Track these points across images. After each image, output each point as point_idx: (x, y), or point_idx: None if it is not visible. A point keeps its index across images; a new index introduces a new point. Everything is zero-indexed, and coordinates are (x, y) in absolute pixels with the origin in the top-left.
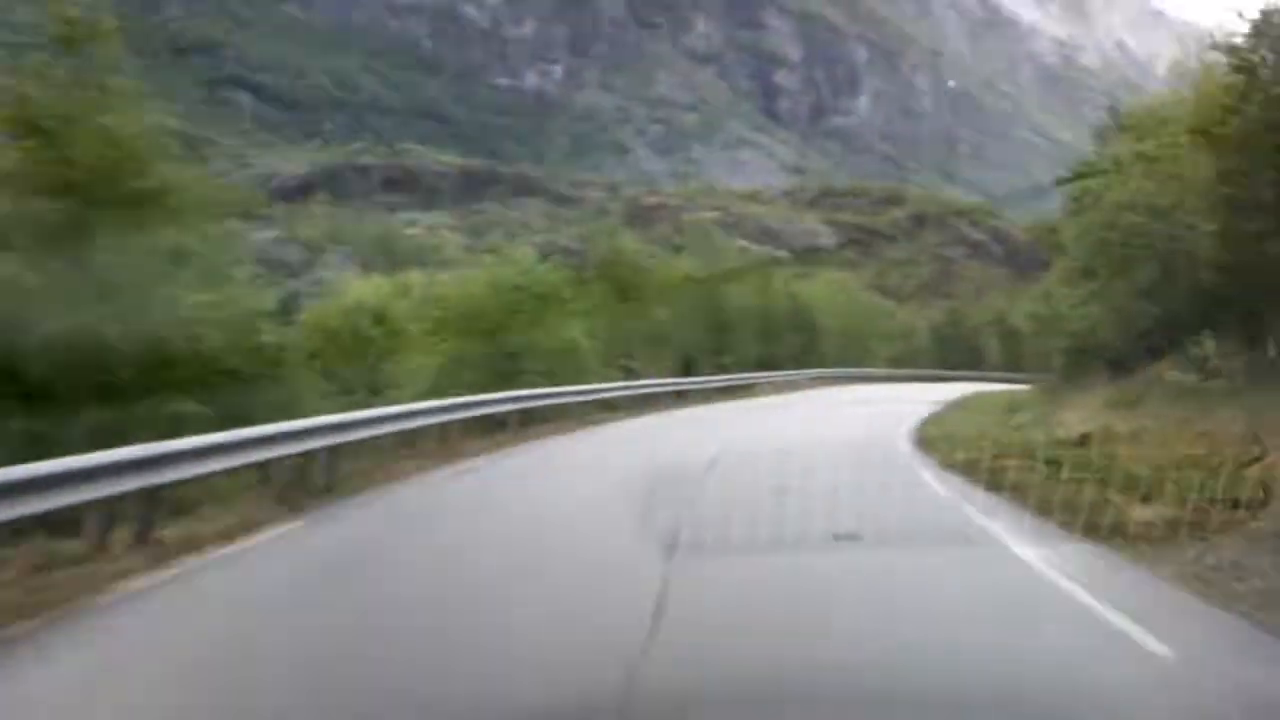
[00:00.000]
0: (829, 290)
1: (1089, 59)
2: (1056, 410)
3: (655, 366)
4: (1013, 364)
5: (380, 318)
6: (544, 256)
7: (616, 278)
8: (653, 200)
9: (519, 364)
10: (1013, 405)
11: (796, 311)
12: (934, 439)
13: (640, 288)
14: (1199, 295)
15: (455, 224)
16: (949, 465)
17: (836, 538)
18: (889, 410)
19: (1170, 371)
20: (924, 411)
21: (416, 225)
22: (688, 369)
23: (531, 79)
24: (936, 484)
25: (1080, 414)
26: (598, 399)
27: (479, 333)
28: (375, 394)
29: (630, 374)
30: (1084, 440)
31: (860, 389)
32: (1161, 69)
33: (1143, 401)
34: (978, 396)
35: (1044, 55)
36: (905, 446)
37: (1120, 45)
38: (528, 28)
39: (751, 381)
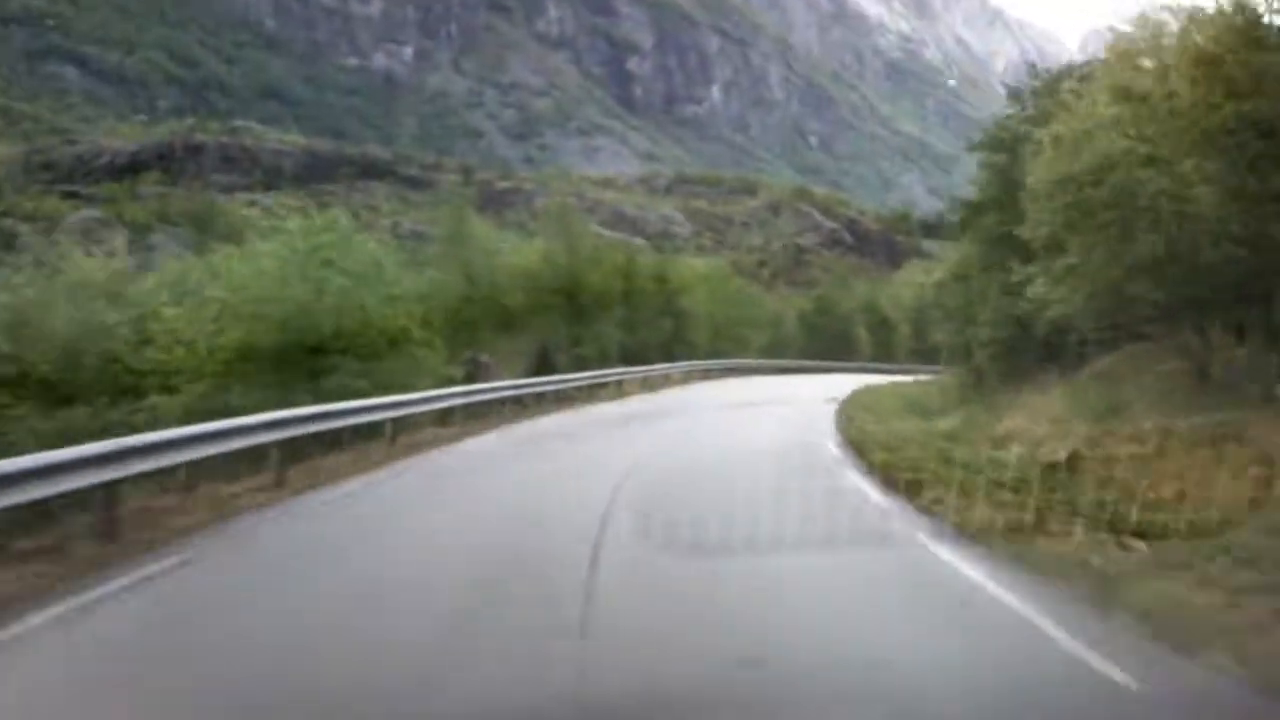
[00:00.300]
0: (698, 274)
1: (931, 54)
2: (996, 415)
3: (507, 362)
4: (884, 354)
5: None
6: (396, 241)
7: (464, 261)
8: (505, 185)
9: (325, 363)
10: (922, 406)
11: (664, 297)
12: (886, 465)
13: (490, 271)
14: (1200, 272)
15: (298, 206)
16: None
17: None
18: (789, 416)
19: (1154, 366)
20: (827, 415)
21: (255, 207)
22: (544, 362)
23: (380, 60)
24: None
25: (1034, 421)
26: (428, 409)
27: (274, 323)
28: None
29: (479, 369)
30: (1074, 465)
31: (739, 385)
32: (1000, 65)
33: (1130, 407)
34: (871, 392)
35: (889, 50)
36: (858, 482)
37: (961, 41)
38: (375, 7)
39: (618, 378)
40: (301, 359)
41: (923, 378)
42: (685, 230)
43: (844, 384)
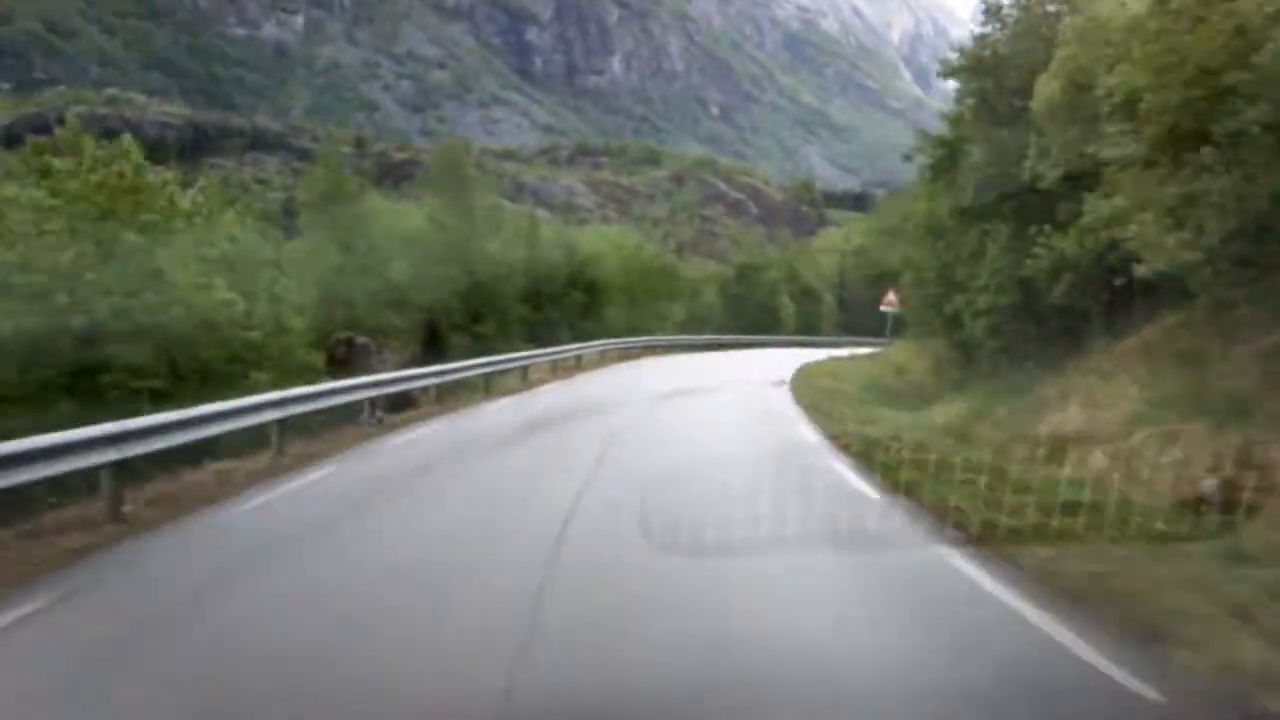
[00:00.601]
0: (610, 242)
1: (829, 25)
2: (1017, 406)
3: (394, 342)
4: (809, 327)
5: None
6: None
7: (338, 221)
8: (402, 156)
9: (100, 353)
10: (891, 391)
11: (573, 267)
12: (935, 504)
13: (370, 237)
14: None
15: (184, 180)
16: None
17: None
18: (747, 409)
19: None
20: (788, 404)
21: None
22: (434, 343)
23: (270, 30)
24: None
25: (1096, 417)
26: (243, 423)
27: (24, 296)
28: None
29: (354, 353)
30: (1232, 500)
31: (665, 366)
32: (896, 36)
33: (1260, 402)
34: (819, 372)
35: (788, 20)
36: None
37: (858, 13)
38: None
39: (523, 362)
40: (51, 351)
41: (861, 352)
42: (589, 202)
43: (781, 362)
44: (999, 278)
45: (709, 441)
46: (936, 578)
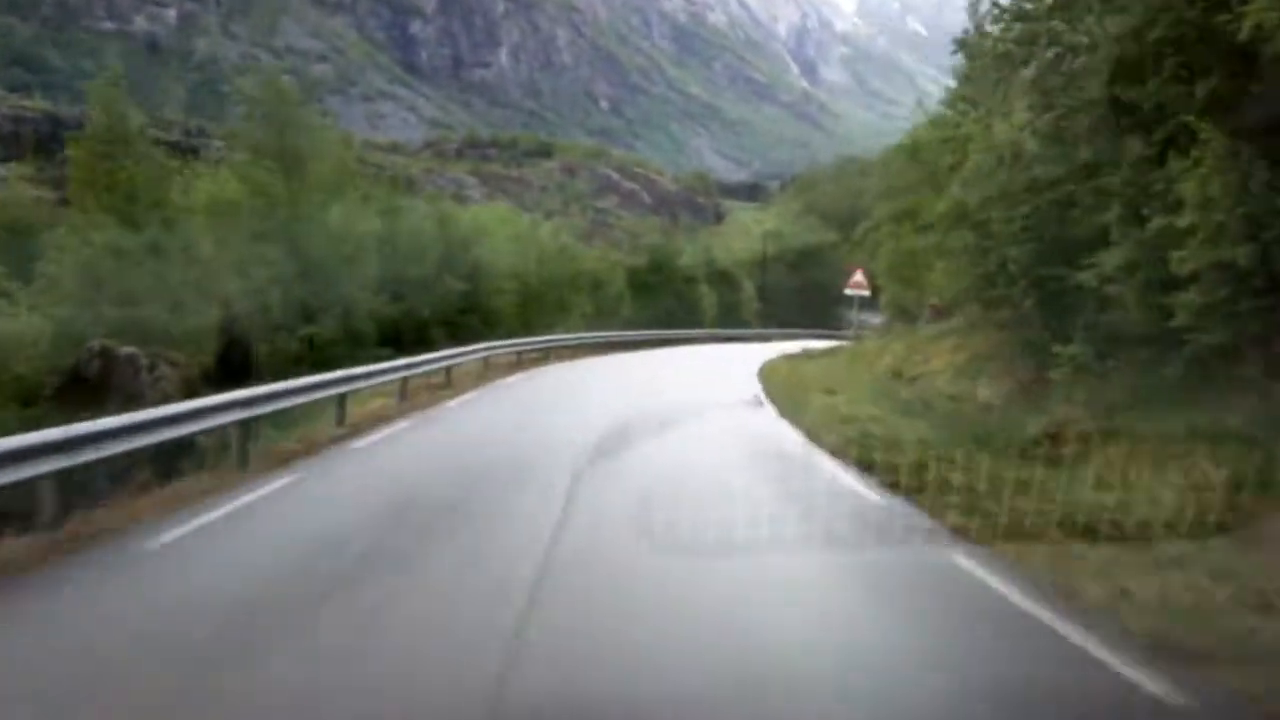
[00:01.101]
0: (498, 218)
1: (716, 18)
2: None
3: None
4: (731, 319)
5: None
6: None
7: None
8: None
9: None
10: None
11: (449, 246)
12: None
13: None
14: None
15: (40, 177)
16: None
17: None
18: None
19: None
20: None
21: None
22: (234, 357)
23: (140, 23)
24: None
25: None
26: None
27: None
28: None
29: (108, 371)
30: None
31: (576, 378)
32: (783, 29)
33: None
34: (808, 382)
35: (675, 13)
36: None
37: (744, 6)
38: None
39: (361, 384)
40: None
41: (815, 346)
42: (478, 194)
43: (728, 363)
44: (1220, 216)
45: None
46: None
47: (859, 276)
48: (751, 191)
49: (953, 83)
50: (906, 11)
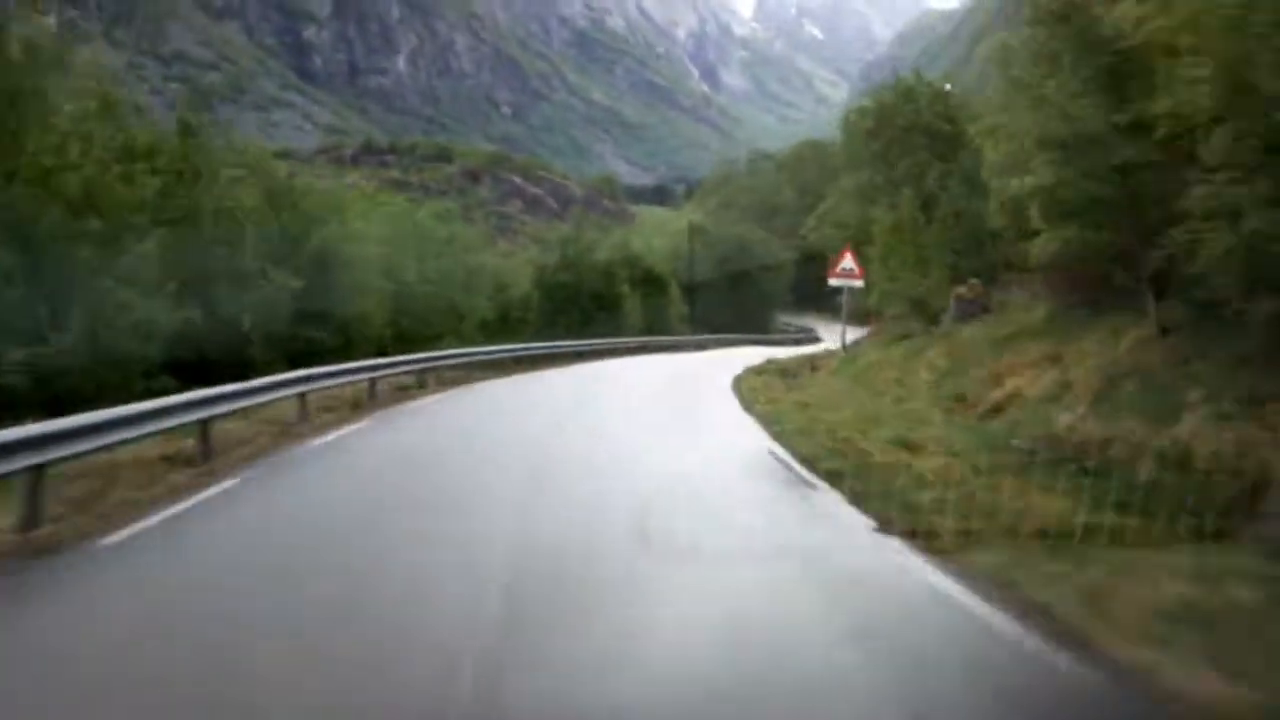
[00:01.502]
0: (362, 201)
1: (616, 23)
2: None
3: None
4: (658, 323)
5: None
6: None
7: None
8: None
9: None
10: None
11: (286, 227)
12: None
13: None
14: None
15: None
16: None
17: None
18: None
19: None
20: None
21: None
22: None
23: (17, 30)
24: None
25: None
26: None
27: None
28: None
29: None
30: None
31: (457, 436)
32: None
33: None
34: (847, 430)
35: (575, 19)
36: None
37: (644, 11)
38: None
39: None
40: None
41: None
42: None
43: (687, 385)
44: None
45: None
46: None
47: (848, 261)
48: (657, 195)
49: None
50: (803, 15)
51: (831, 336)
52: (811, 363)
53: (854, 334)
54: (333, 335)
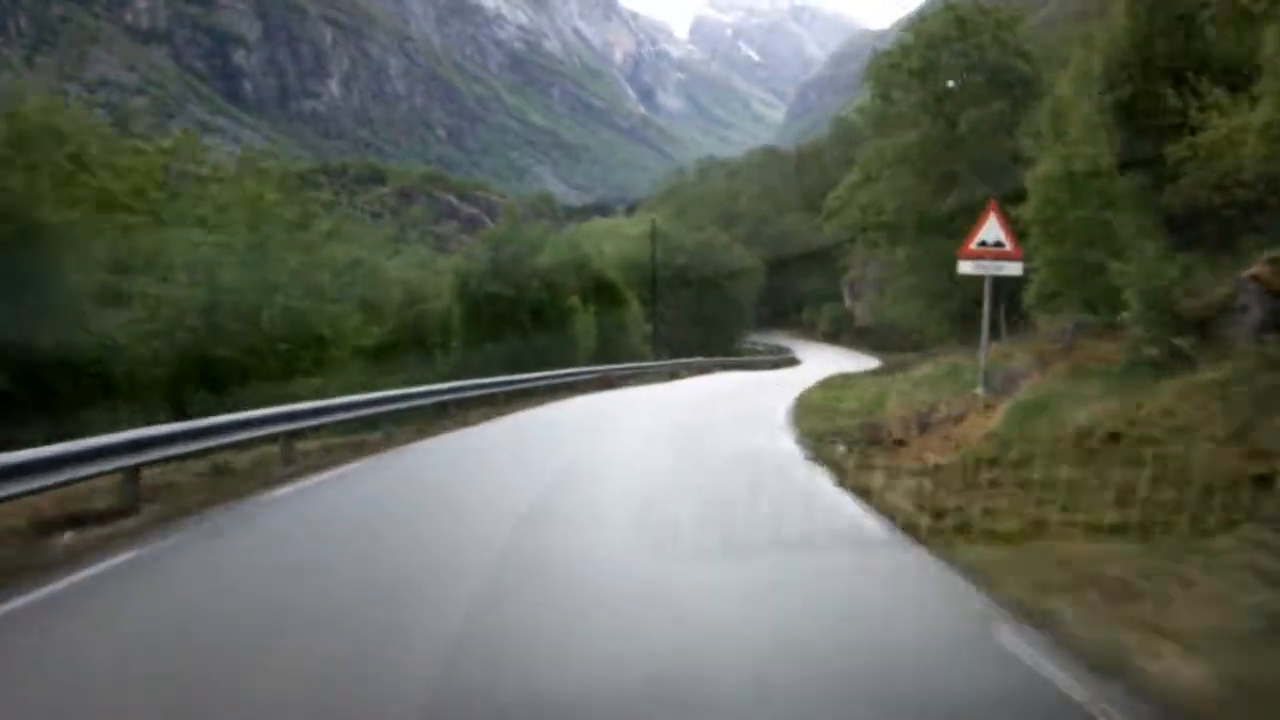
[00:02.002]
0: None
1: (552, 46)
2: None
3: None
4: (615, 346)
5: None
6: None
7: None
8: None
9: None
10: None
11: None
12: None
13: None
14: None
15: None
16: None
17: None
18: None
19: None
20: None
21: None
22: None
23: None
24: None
25: None
26: None
27: None
28: None
29: None
30: None
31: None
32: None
33: None
34: None
35: (510, 41)
36: None
37: (579, 34)
38: None
39: None
40: None
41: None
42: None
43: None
44: None
45: None
46: None
47: (994, 227)
48: (598, 212)
49: None
50: (739, 37)
51: (810, 356)
52: (916, 415)
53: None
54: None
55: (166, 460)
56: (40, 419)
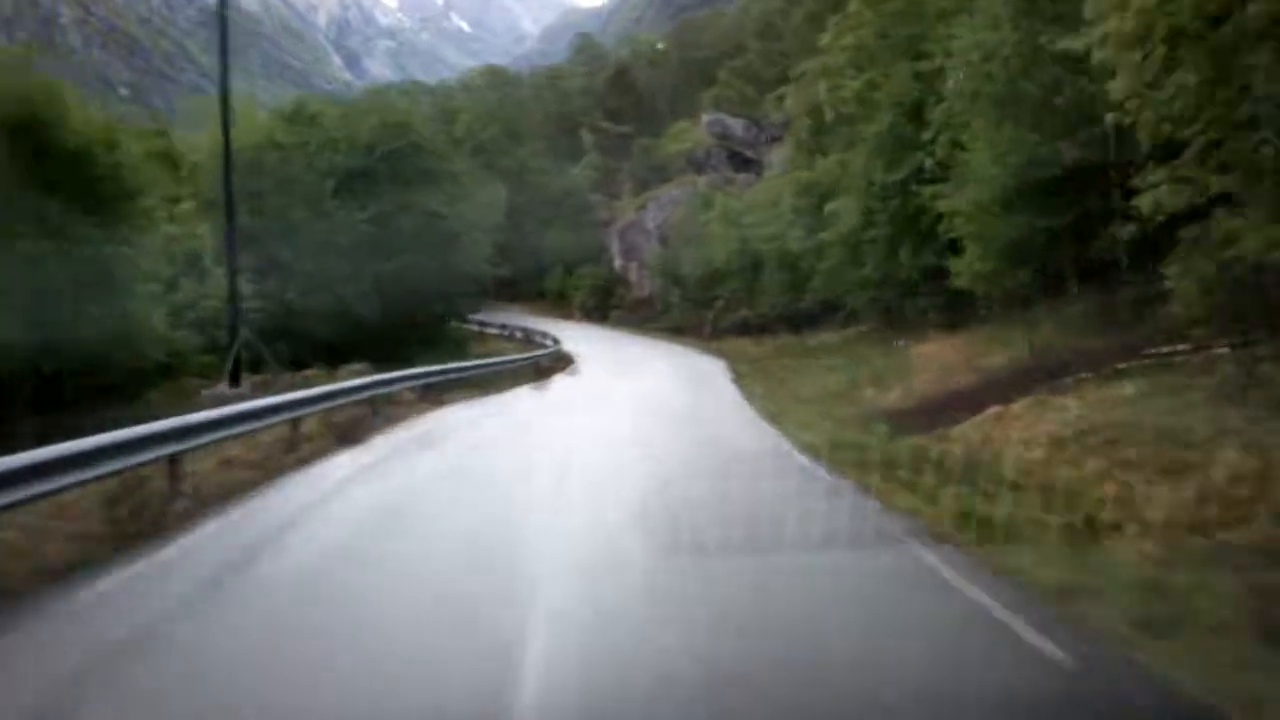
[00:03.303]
0: None
1: (250, 5)
2: None
3: None
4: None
5: None
6: None
7: None
8: None
9: None
10: None
11: None
12: None
13: None
14: None
15: None
16: None
17: None
18: None
19: None
20: None
21: None
22: None
23: None
24: None
25: None
26: None
27: None
28: None
29: None
30: None
31: None
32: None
33: None
34: None
35: None
36: None
37: None
38: None
39: None
40: None
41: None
42: None
43: None
44: None
45: None
46: None
47: None
48: None
49: None
50: (450, 8)
51: (595, 353)
52: None
53: None
54: None
55: None
56: None
